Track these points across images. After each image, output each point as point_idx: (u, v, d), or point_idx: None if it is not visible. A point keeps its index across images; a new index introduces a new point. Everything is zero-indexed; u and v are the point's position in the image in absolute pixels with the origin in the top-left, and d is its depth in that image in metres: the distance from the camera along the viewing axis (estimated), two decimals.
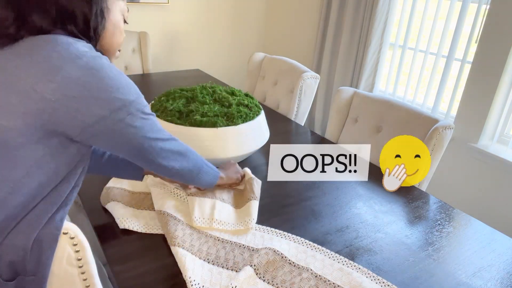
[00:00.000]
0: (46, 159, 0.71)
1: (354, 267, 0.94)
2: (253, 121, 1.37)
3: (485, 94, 2.05)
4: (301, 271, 0.92)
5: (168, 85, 2.22)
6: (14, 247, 0.69)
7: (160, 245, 0.98)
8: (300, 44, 3.33)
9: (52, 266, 0.71)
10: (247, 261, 0.93)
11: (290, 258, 0.95)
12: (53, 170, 0.72)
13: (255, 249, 0.98)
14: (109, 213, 1.08)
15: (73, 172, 0.77)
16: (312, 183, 1.31)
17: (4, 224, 0.69)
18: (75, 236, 0.70)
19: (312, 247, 1.00)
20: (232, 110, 1.34)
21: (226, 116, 1.33)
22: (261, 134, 1.42)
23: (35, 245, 0.70)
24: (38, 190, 0.71)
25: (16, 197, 0.69)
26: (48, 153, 0.71)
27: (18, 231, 0.70)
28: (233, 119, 1.32)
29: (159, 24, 3.09)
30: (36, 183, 0.70)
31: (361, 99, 1.66)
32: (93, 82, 0.70)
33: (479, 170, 2.14)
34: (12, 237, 0.69)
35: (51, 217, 0.72)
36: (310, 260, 0.95)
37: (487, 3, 2.02)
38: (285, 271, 0.91)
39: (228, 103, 1.39)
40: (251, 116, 1.37)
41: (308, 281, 0.89)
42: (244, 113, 1.36)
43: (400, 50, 2.58)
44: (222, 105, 1.38)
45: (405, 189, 1.32)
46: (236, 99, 1.42)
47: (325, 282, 0.89)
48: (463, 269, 0.97)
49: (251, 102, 1.44)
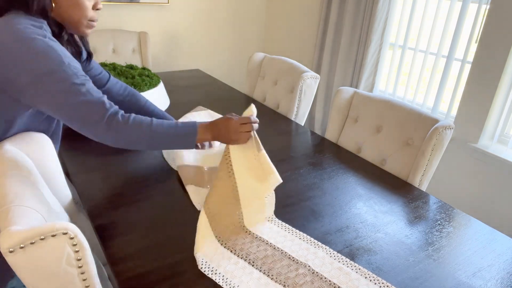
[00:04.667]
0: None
1: (354, 268, 0.94)
2: (157, 87, 1.63)
3: (485, 94, 2.05)
4: (299, 266, 0.93)
5: (168, 85, 2.22)
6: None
7: (161, 245, 0.98)
8: (300, 44, 3.33)
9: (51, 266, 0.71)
10: (249, 252, 0.96)
11: (291, 253, 0.96)
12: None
13: (260, 238, 1.01)
14: (109, 213, 1.08)
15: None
16: (312, 183, 1.31)
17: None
18: (74, 236, 0.70)
19: (316, 245, 1.01)
20: (137, 80, 1.58)
21: (133, 85, 1.56)
22: (165, 98, 1.70)
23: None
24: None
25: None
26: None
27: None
28: (140, 86, 1.56)
29: (159, 24, 3.09)
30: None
31: (361, 99, 1.66)
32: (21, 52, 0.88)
33: (479, 170, 2.14)
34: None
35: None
36: (310, 257, 0.96)
37: (487, 3, 2.02)
38: (283, 264, 0.93)
39: (131, 75, 1.63)
40: (154, 84, 1.63)
41: (303, 277, 0.90)
42: (148, 81, 1.60)
43: (400, 50, 2.58)
44: (126, 77, 1.62)
45: (405, 189, 1.32)
46: (136, 71, 1.66)
47: (321, 279, 0.90)
48: (463, 269, 0.97)
49: (150, 73, 1.70)
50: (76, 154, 1.38)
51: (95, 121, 0.97)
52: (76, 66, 0.96)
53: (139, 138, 1.03)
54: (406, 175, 1.45)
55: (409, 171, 1.44)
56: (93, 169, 1.30)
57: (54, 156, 1.06)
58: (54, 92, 0.92)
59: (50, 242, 0.68)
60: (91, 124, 0.98)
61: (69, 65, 0.94)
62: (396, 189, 1.32)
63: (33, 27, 0.93)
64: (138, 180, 1.25)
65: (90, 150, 1.41)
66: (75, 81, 0.94)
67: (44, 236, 0.67)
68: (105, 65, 1.69)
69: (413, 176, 1.41)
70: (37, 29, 0.93)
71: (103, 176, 1.26)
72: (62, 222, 0.70)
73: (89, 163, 1.33)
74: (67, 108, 0.95)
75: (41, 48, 0.90)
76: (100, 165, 1.33)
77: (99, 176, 1.26)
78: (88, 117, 0.97)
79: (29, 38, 0.90)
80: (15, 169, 0.88)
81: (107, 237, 0.99)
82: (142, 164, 1.35)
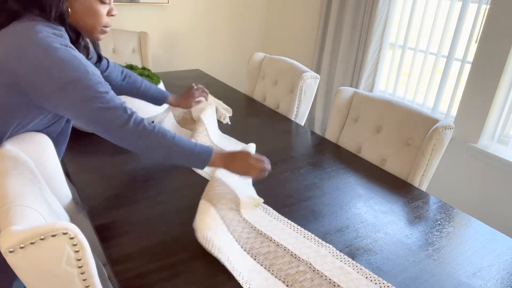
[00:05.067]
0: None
1: (356, 267, 0.95)
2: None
3: (485, 94, 2.05)
4: (300, 263, 0.94)
5: (168, 85, 2.22)
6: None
7: (161, 245, 0.98)
8: (300, 44, 3.33)
9: (51, 266, 0.71)
10: (252, 247, 0.99)
11: (293, 251, 0.98)
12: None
13: (264, 235, 1.03)
14: (109, 213, 1.08)
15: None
16: (312, 183, 1.31)
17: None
18: (74, 236, 0.70)
19: (319, 244, 1.02)
20: None
21: None
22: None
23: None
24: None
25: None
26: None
27: None
28: None
29: (159, 24, 3.09)
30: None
31: (361, 99, 1.66)
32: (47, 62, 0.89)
33: (479, 170, 2.14)
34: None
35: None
36: (312, 255, 0.97)
37: (487, 3, 2.02)
38: (285, 261, 0.95)
39: None
40: (154, 83, 1.61)
41: (304, 274, 0.91)
42: (148, 82, 1.57)
43: (400, 50, 2.58)
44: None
45: (405, 189, 1.32)
46: (136, 71, 1.65)
47: (321, 277, 0.91)
48: (463, 269, 0.97)
49: (150, 73, 1.68)
50: (76, 154, 1.38)
51: (119, 125, 0.98)
52: (98, 75, 0.98)
53: (160, 147, 1.04)
54: (406, 175, 1.45)
55: (409, 171, 1.44)
56: (93, 169, 1.30)
57: (54, 156, 1.06)
58: (80, 100, 0.93)
59: (50, 242, 0.68)
60: (115, 128, 0.99)
61: (93, 74, 0.94)
62: (396, 189, 1.32)
63: (54, 35, 0.92)
64: (138, 180, 1.26)
65: (90, 150, 1.41)
66: (99, 89, 0.95)
67: (44, 236, 0.67)
68: None
69: (413, 176, 1.41)
70: (58, 37, 0.93)
71: (103, 176, 1.26)
72: (62, 222, 0.70)
73: (89, 163, 1.33)
74: (92, 114, 0.96)
75: (65, 58, 0.90)
76: (100, 165, 1.33)
77: (99, 176, 1.26)
78: (112, 123, 0.98)
79: (53, 47, 0.89)
80: (16, 169, 0.88)
81: (107, 237, 0.99)
82: (142, 164, 1.35)
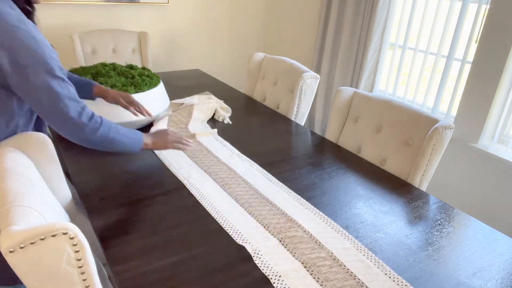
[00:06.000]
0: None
1: (377, 263, 0.96)
2: (157, 87, 1.62)
3: (485, 94, 2.05)
4: (322, 250, 0.98)
5: (168, 85, 2.22)
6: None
7: (161, 245, 0.98)
8: (300, 44, 3.33)
9: (51, 266, 0.71)
10: (280, 231, 1.05)
11: (319, 239, 1.03)
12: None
13: (295, 221, 1.10)
14: (109, 213, 1.08)
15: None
16: (312, 183, 1.31)
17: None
18: (74, 236, 0.70)
19: (345, 237, 1.05)
20: (137, 80, 1.58)
21: (133, 85, 1.56)
22: (165, 98, 1.69)
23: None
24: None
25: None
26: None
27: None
28: (140, 86, 1.55)
29: (159, 24, 3.09)
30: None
31: (361, 99, 1.66)
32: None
33: (479, 170, 2.14)
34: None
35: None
36: (336, 246, 1.01)
37: (487, 3, 2.02)
38: (308, 246, 1.00)
39: (131, 75, 1.62)
40: (154, 84, 1.62)
41: (323, 260, 0.95)
42: (148, 82, 1.59)
43: (400, 50, 2.58)
44: (126, 77, 1.61)
45: (405, 189, 1.32)
46: (136, 71, 1.66)
47: (340, 266, 0.94)
48: (463, 269, 0.97)
49: (150, 73, 1.68)
50: (76, 154, 1.39)
51: (71, 117, 1.00)
52: (56, 58, 0.98)
53: (105, 138, 1.09)
54: (406, 175, 1.45)
55: (409, 171, 1.44)
56: (93, 169, 1.30)
57: (54, 156, 1.06)
58: (37, 84, 0.94)
59: (50, 242, 0.68)
60: (68, 119, 1.00)
61: (50, 58, 0.95)
62: (396, 189, 1.32)
63: (10, 8, 0.92)
64: (138, 180, 1.26)
65: (90, 150, 1.41)
66: (57, 74, 0.96)
67: (44, 236, 0.67)
68: (105, 65, 1.68)
69: (413, 176, 1.41)
70: (15, 12, 0.93)
71: (103, 176, 1.26)
72: (62, 222, 0.70)
73: (89, 163, 1.33)
74: (46, 102, 0.97)
75: (25, 38, 0.91)
76: (100, 165, 1.33)
77: (99, 176, 1.26)
78: (65, 113, 0.99)
79: (12, 25, 0.90)
80: (15, 169, 0.88)
81: (107, 237, 0.99)
82: (142, 164, 1.35)
